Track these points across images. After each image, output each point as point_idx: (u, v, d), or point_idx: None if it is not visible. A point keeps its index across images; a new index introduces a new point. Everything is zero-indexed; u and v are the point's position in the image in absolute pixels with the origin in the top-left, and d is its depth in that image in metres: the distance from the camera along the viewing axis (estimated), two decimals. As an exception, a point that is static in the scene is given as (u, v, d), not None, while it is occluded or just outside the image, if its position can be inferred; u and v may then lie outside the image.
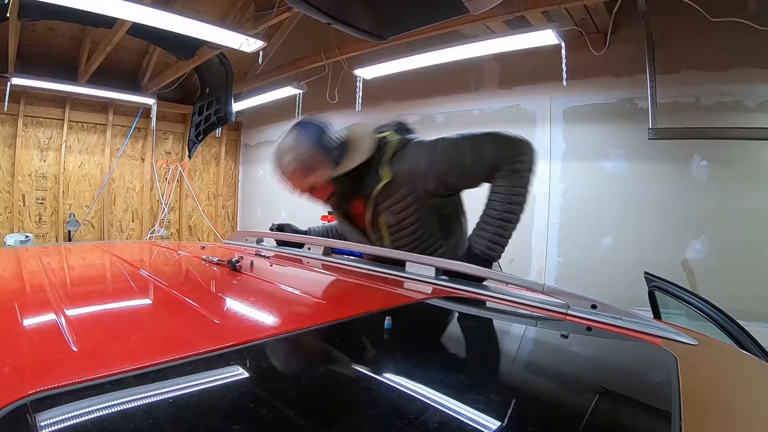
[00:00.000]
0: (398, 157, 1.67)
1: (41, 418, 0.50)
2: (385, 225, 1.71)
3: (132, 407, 0.55)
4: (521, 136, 1.63)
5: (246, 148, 8.68)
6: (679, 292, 1.79)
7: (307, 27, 5.97)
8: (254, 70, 6.95)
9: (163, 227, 7.81)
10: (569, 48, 4.08)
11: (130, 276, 1.38)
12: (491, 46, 4.14)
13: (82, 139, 7.01)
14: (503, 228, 1.60)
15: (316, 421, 0.59)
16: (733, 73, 3.62)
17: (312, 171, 1.62)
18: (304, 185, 1.68)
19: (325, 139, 1.63)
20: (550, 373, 0.83)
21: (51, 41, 6.00)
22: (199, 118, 6.79)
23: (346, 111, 6.08)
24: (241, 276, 1.31)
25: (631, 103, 4.13)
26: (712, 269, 3.71)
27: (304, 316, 0.99)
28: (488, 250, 1.60)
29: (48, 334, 0.76)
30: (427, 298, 1.26)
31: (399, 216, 1.67)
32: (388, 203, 1.67)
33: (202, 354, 0.68)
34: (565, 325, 1.03)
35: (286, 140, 1.64)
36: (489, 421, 0.59)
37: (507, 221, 1.60)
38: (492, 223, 1.61)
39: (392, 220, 1.68)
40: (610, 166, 4.25)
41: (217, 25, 4.16)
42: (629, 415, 0.68)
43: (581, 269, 4.32)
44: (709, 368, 0.90)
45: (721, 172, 3.72)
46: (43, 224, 6.79)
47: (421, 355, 0.88)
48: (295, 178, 1.66)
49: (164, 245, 2.27)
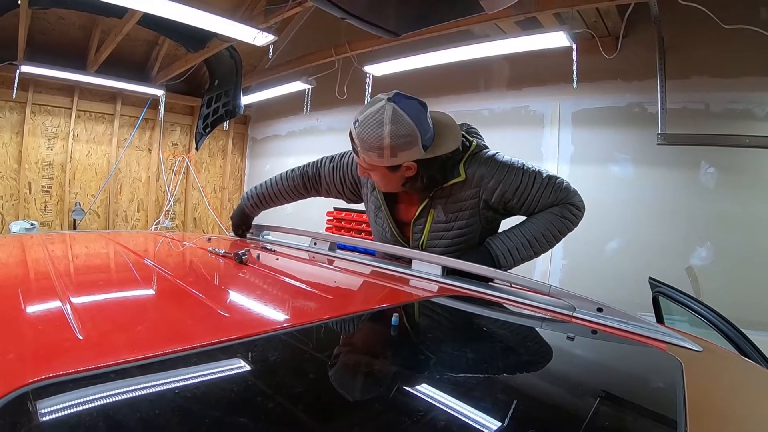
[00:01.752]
0: (473, 160, 1.61)
1: (46, 405, 0.50)
2: (431, 220, 1.65)
3: (138, 397, 0.55)
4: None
5: (253, 142, 8.69)
6: (683, 299, 1.78)
7: (317, 22, 5.97)
8: (263, 64, 6.95)
9: (168, 218, 7.83)
10: (580, 50, 4.06)
11: (136, 266, 1.39)
12: (502, 47, 4.14)
13: (90, 128, 7.04)
14: (525, 246, 1.57)
15: (322, 416, 0.59)
16: (743, 81, 3.61)
17: (404, 150, 1.47)
18: (385, 163, 1.51)
19: (424, 119, 1.49)
20: (555, 375, 0.83)
21: (61, 30, 6.01)
22: (207, 111, 6.79)
23: (354, 107, 6.08)
24: (247, 269, 1.31)
25: (641, 108, 4.11)
26: (716, 277, 3.70)
27: (311, 311, 0.99)
28: (501, 255, 1.57)
29: (53, 321, 0.76)
30: (434, 297, 1.26)
31: (451, 216, 1.62)
32: (446, 200, 1.63)
33: (209, 346, 0.68)
34: (570, 327, 1.02)
35: (382, 112, 1.46)
36: (492, 421, 0.59)
37: (531, 244, 1.58)
38: (519, 236, 1.59)
39: (443, 217, 1.63)
40: (618, 170, 4.23)
41: (228, 18, 4.16)
42: (634, 419, 0.68)
43: (586, 273, 4.31)
44: (714, 375, 0.90)
45: (728, 179, 3.70)
46: (49, 212, 6.81)
47: (426, 353, 0.88)
48: (382, 155, 1.49)
49: (170, 236, 2.27)
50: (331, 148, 6.72)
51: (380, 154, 1.48)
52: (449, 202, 1.62)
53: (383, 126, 1.45)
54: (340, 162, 1.90)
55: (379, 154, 1.48)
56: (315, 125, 7.20)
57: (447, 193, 1.62)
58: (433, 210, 1.65)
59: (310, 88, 6.33)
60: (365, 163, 1.56)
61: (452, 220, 1.63)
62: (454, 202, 1.62)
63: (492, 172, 1.58)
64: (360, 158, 1.56)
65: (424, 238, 1.68)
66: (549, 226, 1.58)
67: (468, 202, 1.61)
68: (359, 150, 1.53)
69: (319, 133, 7.18)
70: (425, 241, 1.69)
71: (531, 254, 1.59)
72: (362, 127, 1.49)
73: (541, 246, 1.59)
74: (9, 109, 6.32)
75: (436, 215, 1.64)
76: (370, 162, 1.54)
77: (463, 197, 1.60)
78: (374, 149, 1.48)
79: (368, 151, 1.50)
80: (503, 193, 1.57)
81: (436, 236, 1.67)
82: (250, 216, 2.14)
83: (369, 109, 1.49)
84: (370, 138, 1.48)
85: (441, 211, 1.63)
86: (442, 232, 1.65)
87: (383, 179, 1.60)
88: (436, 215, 1.64)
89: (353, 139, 1.54)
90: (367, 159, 1.53)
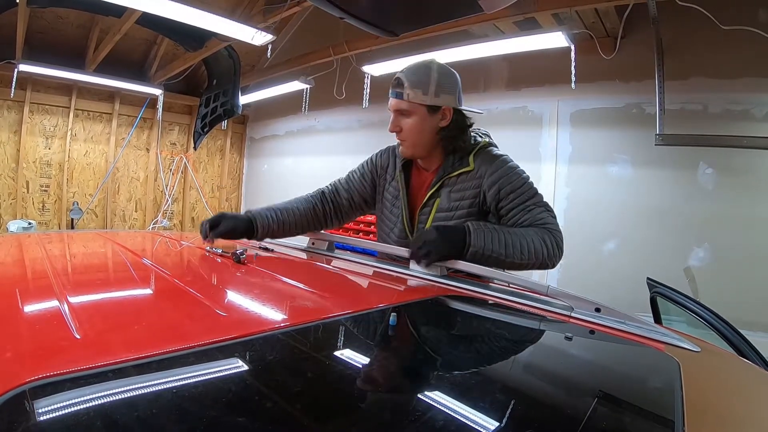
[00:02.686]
0: (483, 154, 1.67)
1: (43, 404, 0.50)
2: (436, 209, 1.68)
3: (135, 397, 0.55)
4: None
5: (251, 142, 8.69)
6: (681, 299, 1.79)
7: (316, 22, 5.97)
8: (262, 64, 6.95)
9: (166, 218, 7.83)
10: (578, 51, 4.06)
11: (133, 265, 1.38)
12: (501, 47, 4.14)
13: (88, 127, 7.02)
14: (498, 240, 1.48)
15: (320, 415, 0.59)
16: (741, 82, 3.61)
17: (446, 92, 1.62)
18: (428, 101, 1.60)
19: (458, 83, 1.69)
20: (553, 375, 0.83)
21: (59, 29, 6.00)
22: (206, 110, 6.78)
23: (353, 107, 6.08)
24: (245, 268, 1.31)
25: (639, 108, 4.11)
26: (714, 277, 3.70)
27: (309, 311, 0.99)
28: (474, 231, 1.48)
29: (51, 320, 0.76)
30: (432, 297, 1.26)
31: (454, 203, 1.65)
32: (452, 188, 1.66)
33: (206, 345, 0.68)
34: (568, 327, 1.03)
35: (429, 61, 1.66)
36: (489, 422, 0.59)
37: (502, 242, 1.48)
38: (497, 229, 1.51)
39: (446, 204, 1.66)
40: (616, 171, 4.24)
41: (227, 17, 4.15)
42: (632, 420, 0.68)
43: (583, 273, 4.31)
44: (711, 375, 0.90)
45: (727, 180, 3.71)
46: (46, 212, 6.80)
47: (424, 352, 0.88)
48: (427, 92, 1.60)
49: (168, 236, 2.27)
50: (329, 147, 6.74)
51: (425, 90, 1.60)
52: (454, 191, 1.66)
53: (431, 67, 1.63)
54: (352, 171, 1.95)
55: (425, 90, 1.60)
56: (313, 125, 7.20)
57: (453, 182, 1.66)
58: (439, 199, 1.68)
59: (308, 88, 6.32)
60: (407, 104, 1.62)
61: (454, 208, 1.65)
62: (459, 191, 1.65)
63: (497, 167, 1.61)
64: (403, 100, 1.62)
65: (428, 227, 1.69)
66: (530, 238, 1.50)
67: (471, 192, 1.63)
68: (405, 87, 1.61)
69: (317, 132, 7.18)
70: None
71: (501, 252, 1.47)
72: (411, 67, 1.64)
73: (513, 251, 1.48)
74: (7, 108, 6.30)
75: (440, 203, 1.67)
76: (413, 100, 1.61)
77: (467, 186, 1.64)
78: (421, 84, 1.60)
79: (414, 88, 1.60)
80: (499, 189, 1.58)
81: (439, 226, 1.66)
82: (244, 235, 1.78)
83: (419, 62, 1.66)
84: (419, 71, 1.62)
85: (446, 198, 1.67)
86: (444, 221, 1.66)
87: (418, 125, 1.64)
88: (440, 203, 1.67)
89: (400, 80, 1.63)
90: (411, 96, 1.61)
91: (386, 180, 1.86)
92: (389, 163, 1.86)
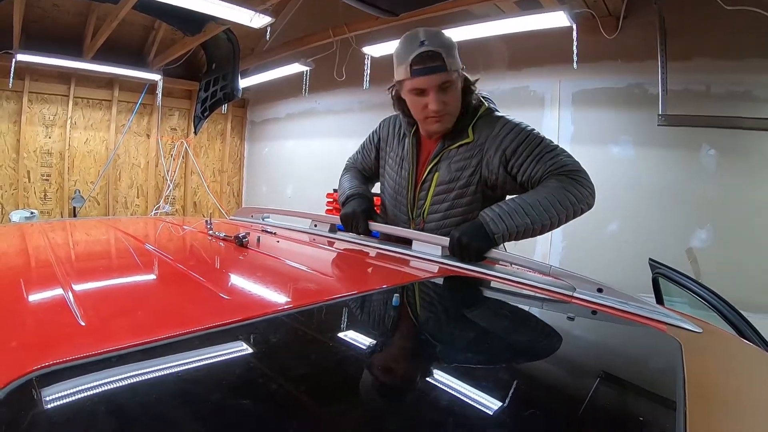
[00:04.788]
0: (482, 122, 1.61)
1: (50, 392, 0.50)
2: (435, 182, 1.65)
3: (140, 382, 0.55)
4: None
5: (252, 125, 8.67)
6: (683, 280, 1.79)
7: (315, 3, 5.91)
8: (261, 47, 6.90)
9: (168, 203, 7.84)
10: (580, 31, 4.02)
11: (136, 251, 1.39)
12: (501, 27, 4.11)
13: (88, 115, 7.01)
14: (519, 213, 1.41)
15: (323, 397, 0.59)
16: (744, 63, 3.58)
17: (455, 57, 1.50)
18: (458, 65, 1.53)
19: None
20: (555, 355, 0.83)
21: (56, 17, 5.96)
22: (205, 95, 6.76)
23: (353, 89, 6.04)
24: (248, 252, 1.31)
25: (641, 89, 4.09)
26: (716, 258, 3.71)
27: (311, 292, 0.99)
28: (492, 221, 1.41)
29: (55, 308, 0.76)
30: (435, 277, 1.26)
31: (454, 174, 1.61)
32: (451, 161, 1.62)
33: (210, 329, 0.68)
34: (570, 307, 1.03)
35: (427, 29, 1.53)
36: (491, 401, 0.59)
37: (526, 211, 1.41)
38: (512, 203, 1.44)
39: (446, 177, 1.62)
40: (618, 151, 4.22)
41: (225, 0, 4.12)
42: (634, 400, 0.68)
43: (586, 254, 4.32)
44: (713, 356, 0.90)
45: (729, 161, 3.70)
46: (48, 200, 6.82)
47: (426, 334, 0.89)
48: (456, 55, 1.52)
49: (170, 221, 2.27)
50: (330, 129, 6.71)
51: (455, 55, 1.51)
52: (453, 162, 1.61)
53: (439, 32, 1.53)
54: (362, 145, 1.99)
55: (455, 55, 1.51)
56: (314, 107, 7.17)
57: (453, 155, 1.62)
58: (438, 172, 1.64)
59: (308, 70, 6.29)
60: (450, 74, 1.51)
61: (455, 179, 1.61)
62: (458, 161, 1.61)
63: (498, 129, 1.56)
64: (445, 72, 1.49)
65: (427, 204, 1.68)
66: (548, 193, 1.43)
67: (471, 161, 1.59)
68: (445, 57, 1.47)
69: (318, 115, 7.15)
70: (428, 206, 1.68)
71: (527, 222, 1.40)
72: (431, 36, 1.49)
73: (539, 215, 1.40)
74: (6, 99, 6.29)
75: (440, 176, 1.63)
76: (454, 69, 1.51)
77: (467, 156, 1.59)
78: (452, 49, 1.50)
79: (449, 56, 1.48)
80: (505, 150, 1.53)
81: (438, 199, 1.65)
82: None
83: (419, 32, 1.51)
84: (440, 37, 1.51)
85: (446, 171, 1.62)
86: (444, 194, 1.64)
87: (457, 94, 1.58)
88: (440, 176, 1.63)
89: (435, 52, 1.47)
90: (452, 65, 1.49)
91: (386, 152, 1.85)
92: (389, 134, 1.84)
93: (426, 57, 1.47)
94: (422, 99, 1.54)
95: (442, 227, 1.64)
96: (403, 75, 1.54)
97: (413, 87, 1.54)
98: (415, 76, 1.50)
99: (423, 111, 1.57)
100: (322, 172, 6.73)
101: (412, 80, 1.52)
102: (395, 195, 1.79)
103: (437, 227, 1.66)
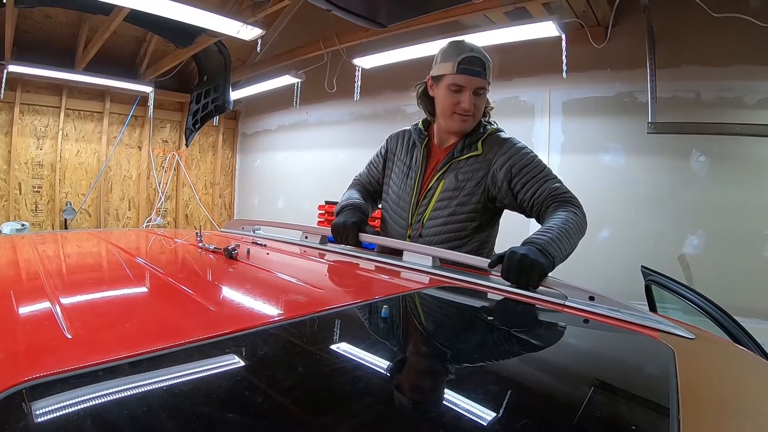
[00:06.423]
0: (491, 138, 1.74)
1: (35, 406, 0.49)
2: (441, 188, 1.72)
3: (127, 395, 0.54)
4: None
5: (243, 137, 8.66)
6: (676, 287, 1.79)
7: (306, 15, 5.94)
8: (252, 59, 6.92)
9: (160, 216, 7.80)
10: (569, 40, 4.07)
11: (125, 263, 1.38)
12: (491, 37, 4.13)
13: (79, 126, 6.99)
14: (562, 237, 1.42)
15: (312, 410, 0.58)
16: (733, 70, 3.62)
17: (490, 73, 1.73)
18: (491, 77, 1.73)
19: None
20: (547, 364, 0.83)
21: (48, 28, 5.96)
22: (197, 107, 6.76)
23: (344, 100, 6.06)
24: (237, 264, 1.30)
25: (631, 97, 4.12)
26: (708, 264, 3.72)
27: (300, 304, 0.99)
28: (548, 243, 1.36)
29: (42, 321, 0.76)
30: (425, 288, 1.26)
31: (460, 182, 1.70)
32: (458, 171, 1.71)
33: (198, 342, 0.67)
34: (562, 316, 1.02)
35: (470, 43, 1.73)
36: (484, 411, 0.59)
37: (568, 235, 1.44)
38: (553, 229, 1.43)
39: (452, 184, 1.71)
40: (609, 160, 4.24)
41: (216, 13, 4.13)
42: (627, 407, 0.68)
43: (577, 262, 4.28)
44: (706, 362, 0.90)
45: (720, 167, 3.72)
46: (40, 212, 6.77)
47: (417, 344, 0.88)
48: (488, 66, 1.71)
49: (161, 233, 2.26)
50: (321, 141, 6.73)
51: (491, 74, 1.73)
52: (461, 172, 1.71)
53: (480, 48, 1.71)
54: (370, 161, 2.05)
55: (491, 73, 1.73)
56: (305, 119, 7.18)
57: (461, 165, 1.72)
58: (444, 181, 1.73)
59: (299, 82, 6.31)
60: (486, 83, 1.71)
61: (461, 187, 1.69)
62: (465, 172, 1.70)
63: (506, 148, 1.68)
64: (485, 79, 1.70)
65: (429, 209, 1.74)
66: (571, 222, 1.49)
67: (478, 173, 1.68)
68: (488, 68, 1.70)
69: (309, 126, 7.15)
70: (429, 212, 1.74)
71: (566, 249, 1.43)
72: (478, 49, 1.70)
73: (572, 243, 1.47)
74: (-3, 110, 6.26)
75: (446, 184, 1.72)
76: (489, 81, 1.72)
77: (475, 168, 1.70)
78: (491, 64, 1.72)
79: (490, 71, 1.72)
80: (511, 167, 1.64)
81: (441, 205, 1.71)
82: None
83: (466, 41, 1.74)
84: (484, 52, 1.71)
85: (452, 179, 1.71)
86: (447, 200, 1.70)
87: (483, 101, 1.75)
88: (446, 184, 1.72)
89: (483, 61, 1.68)
90: (489, 77, 1.72)
91: (393, 162, 1.92)
92: (397, 145, 1.93)
93: (474, 60, 1.66)
94: (457, 96, 1.68)
95: (440, 233, 1.71)
96: (448, 71, 1.68)
97: (454, 82, 1.68)
98: (460, 74, 1.66)
99: (454, 107, 1.70)
100: (314, 184, 6.73)
101: (455, 76, 1.67)
102: (398, 201, 1.84)
103: (436, 233, 1.72)
